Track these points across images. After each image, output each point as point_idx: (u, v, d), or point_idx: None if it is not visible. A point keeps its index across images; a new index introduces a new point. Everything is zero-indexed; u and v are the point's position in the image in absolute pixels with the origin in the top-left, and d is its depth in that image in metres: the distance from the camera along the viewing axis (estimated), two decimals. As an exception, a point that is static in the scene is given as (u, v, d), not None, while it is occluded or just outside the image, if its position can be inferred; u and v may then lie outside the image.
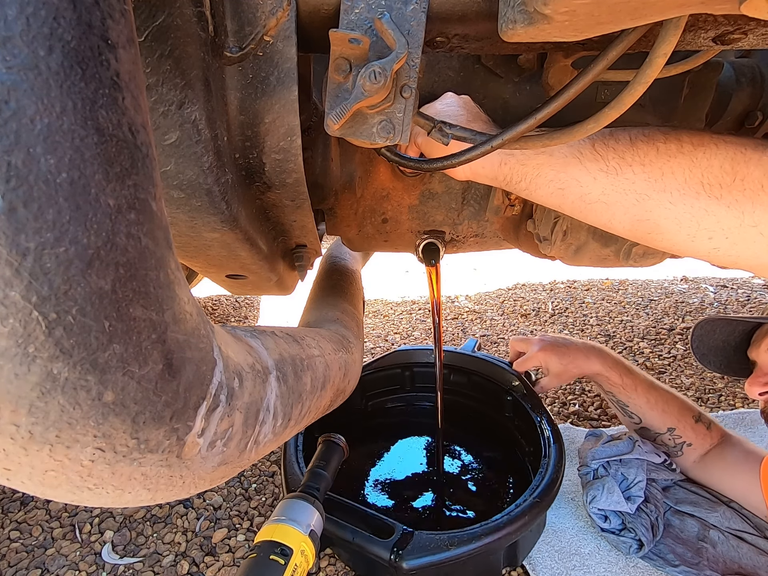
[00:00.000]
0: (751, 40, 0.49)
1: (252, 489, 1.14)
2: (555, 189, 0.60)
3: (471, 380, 1.36)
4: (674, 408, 1.08)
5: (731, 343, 1.03)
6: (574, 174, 0.58)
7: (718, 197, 0.50)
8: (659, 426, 1.08)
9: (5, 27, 0.20)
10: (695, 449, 1.06)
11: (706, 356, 1.06)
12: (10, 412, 0.23)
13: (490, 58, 0.75)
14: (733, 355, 1.04)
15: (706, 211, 0.51)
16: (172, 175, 0.50)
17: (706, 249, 0.54)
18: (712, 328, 1.03)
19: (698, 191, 0.51)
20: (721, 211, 0.50)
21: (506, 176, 0.63)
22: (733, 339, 1.02)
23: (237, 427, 0.37)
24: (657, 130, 0.55)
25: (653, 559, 0.94)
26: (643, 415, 1.10)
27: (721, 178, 0.50)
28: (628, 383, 1.10)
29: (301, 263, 0.84)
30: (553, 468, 0.96)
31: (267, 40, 0.48)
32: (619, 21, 0.39)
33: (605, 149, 0.56)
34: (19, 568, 0.92)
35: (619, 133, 0.57)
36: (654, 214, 0.54)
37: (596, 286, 2.49)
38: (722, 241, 0.52)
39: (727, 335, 1.02)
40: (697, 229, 0.52)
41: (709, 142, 0.51)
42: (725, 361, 1.05)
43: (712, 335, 1.04)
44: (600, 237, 0.80)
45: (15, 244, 0.21)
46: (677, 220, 0.53)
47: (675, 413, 1.07)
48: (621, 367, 1.12)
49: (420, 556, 0.79)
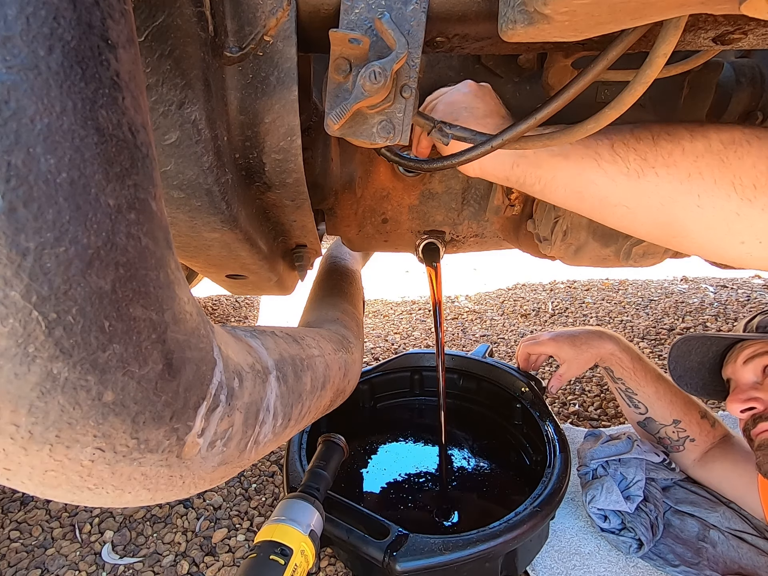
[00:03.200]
0: (751, 40, 0.49)
1: (252, 489, 1.14)
2: (572, 192, 0.56)
3: (480, 386, 1.37)
4: (681, 401, 1.07)
5: (706, 365, 1.02)
6: (591, 177, 0.54)
7: (751, 199, 0.47)
8: (665, 417, 1.07)
9: (5, 27, 0.20)
10: (697, 446, 1.06)
11: (683, 378, 1.05)
12: (10, 412, 0.23)
13: (490, 58, 0.75)
14: (708, 377, 1.03)
15: (738, 214, 0.47)
16: (172, 175, 0.50)
17: (738, 253, 0.50)
18: (688, 349, 1.01)
19: (729, 193, 0.47)
20: (754, 214, 0.47)
21: (519, 178, 0.60)
22: (708, 360, 1.02)
23: (237, 427, 0.37)
24: (682, 127, 0.51)
25: (653, 559, 0.94)
26: (650, 404, 1.08)
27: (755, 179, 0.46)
28: (639, 368, 1.08)
29: (301, 263, 0.84)
30: (556, 478, 0.95)
31: (267, 40, 0.48)
32: (619, 21, 0.39)
33: (625, 150, 0.52)
34: (19, 568, 0.92)
35: (640, 131, 0.52)
36: (680, 218, 0.51)
37: (596, 286, 2.49)
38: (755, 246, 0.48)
39: (701, 356, 1.01)
40: (728, 232, 0.49)
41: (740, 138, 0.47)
42: (700, 383, 1.04)
43: (687, 356, 1.02)
44: (600, 237, 0.80)
45: (15, 244, 0.21)
46: (706, 223, 0.50)
47: (682, 406, 1.07)
48: (632, 352, 1.11)
49: (413, 558, 0.79)
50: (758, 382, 0.89)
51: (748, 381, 0.90)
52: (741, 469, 0.99)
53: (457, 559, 0.80)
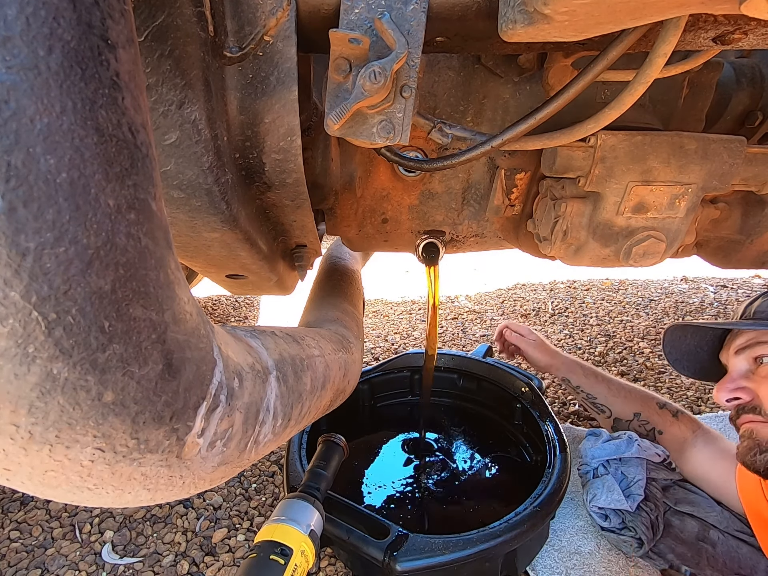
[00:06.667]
0: (751, 40, 0.49)
1: (252, 489, 1.14)
2: None
3: (480, 386, 1.37)
4: (636, 395, 1.13)
5: (704, 348, 1.02)
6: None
7: None
8: (626, 412, 1.12)
9: (5, 27, 0.20)
10: (667, 439, 1.07)
11: (680, 361, 1.06)
12: (9, 413, 0.23)
13: (490, 58, 0.75)
14: (707, 360, 1.03)
15: None
16: (172, 175, 0.50)
17: None
18: (683, 333, 1.02)
19: None
20: None
21: None
22: (706, 343, 1.01)
23: (237, 427, 0.37)
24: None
25: (653, 559, 0.94)
26: (610, 404, 1.15)
27: None
28: (589, 373, 1.20)
29: (301, 263, 0.84)
30: (556, 478, 0.95)
31: (267, 40, 0.48)
32: (619, 21, 0.39)
33: None
34: (19, 568, 0.92)
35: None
36: None
37: (596, 286, 2.49)
38: None
39: (699, 340, 1.02)
40: None
41: None
42: (698, 366, 1.05)
43: (683, 340, 1.03)
44: (600, 237, 0.80)
45: (15, 244, 0.21)
46: None
47: (637, 399, 1.12)
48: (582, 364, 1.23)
49: (413, 558, 0.79)
50: (751, 370, 0.88)
51: (740, 370, 0.89)
52: (718, 465, 0.99)
53: (458, 559, 0.80)
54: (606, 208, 0.76)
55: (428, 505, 1.10)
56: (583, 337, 1.92)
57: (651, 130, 0.73)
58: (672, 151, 0.72)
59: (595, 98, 0.74)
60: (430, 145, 0.83)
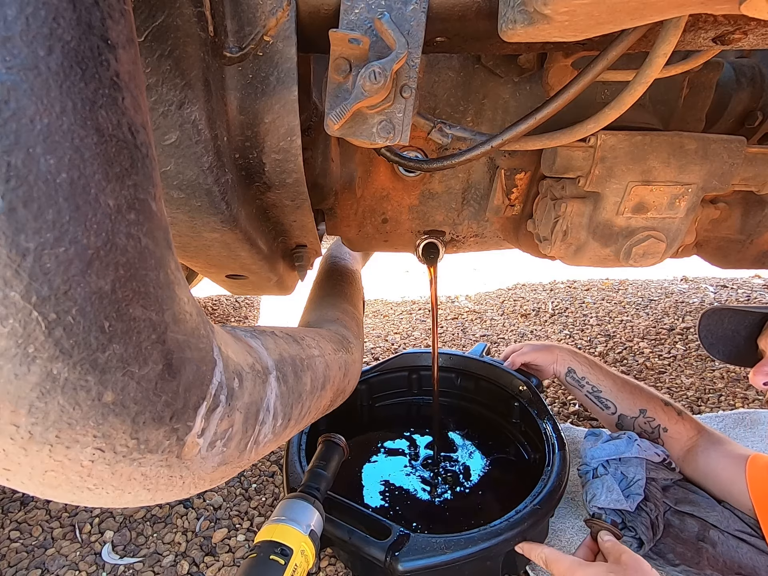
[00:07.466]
0: (751, 40, 0.49)
1: (252, 489, 1.14)
2: None
3: (479, 385, 1.37)
4: (641, 392, 1.13)
5: (741, 333, 1.03)
6: None
7: None
8: (632, 408, 1.11)
9: (5, 27, 0.20)
10: (673, 438, 1.07)
11: (715, 345, 1.07)
12: (9, 413, 0.23)
13: (490, 58, 0.75)
14: (743, 345, 1.04)
15: None
16: (172, 175, 0.50)
17: None
18: (720, 318, 1.03)
19: None
20: None
21: None
22: (743, 328, 1.02)
23: (237, 427, 0.37)
24: None
25: (653, 558, 0.94)
26: (615, 398, 1.13)
27: None
28: (595, 366, 1.19)
29: (301, 263, 0.84)
30: (555, 476, 0.95)
31: (267, 40, 0.48)
32: (619, 21, 0.39)
33: None
34: (19, 568, 0.92)
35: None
36: None
37: (596, 286, 2.49)
38: None
39: (736, 324, 1.03)
40: None
41: None
42: (734, 351, 1.05)
43: (720, 325, 1.04)
44: (600, 237, 0.80)
45: (15, 244, 0.21)
46: None
47: (643, 396, 1.12)
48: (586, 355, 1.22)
49: (415, 558, 0.79)
50: None
51: None
52: (727, 463, 0.99)
53: (459, 558, 0.80)
54: (606, 208, 0.76)
55: (428, 505, 1.10)
56: (583, 337, 1.92)
57: (651, 130, 0.73)
58: (672, 151, 0.72)
59: (595, 98, 0.74)
60: (430, 145, 0.83)
